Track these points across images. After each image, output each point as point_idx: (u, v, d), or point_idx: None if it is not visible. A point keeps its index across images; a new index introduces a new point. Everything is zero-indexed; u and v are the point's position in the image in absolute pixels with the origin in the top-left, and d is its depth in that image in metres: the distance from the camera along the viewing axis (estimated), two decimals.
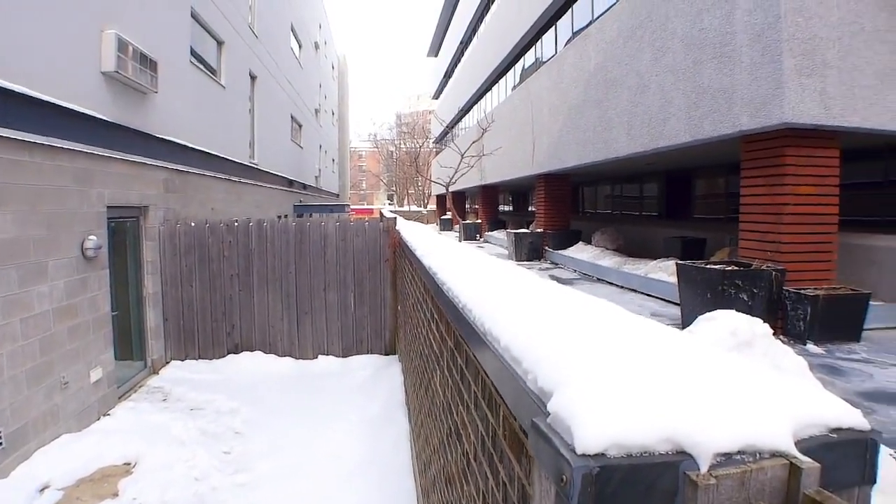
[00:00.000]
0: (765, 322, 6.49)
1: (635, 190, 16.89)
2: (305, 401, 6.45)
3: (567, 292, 1.93)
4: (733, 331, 2.42)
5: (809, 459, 0.83)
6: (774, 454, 0.83)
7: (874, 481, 0.94)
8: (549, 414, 0.92)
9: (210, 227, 7.78)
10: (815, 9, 6.34)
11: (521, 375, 1.17)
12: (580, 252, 13.63)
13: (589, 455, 0.78)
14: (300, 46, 21.58)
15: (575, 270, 13.21)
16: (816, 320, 6.27)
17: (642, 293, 9.69)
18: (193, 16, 9.11)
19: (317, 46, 26.98)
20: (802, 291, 6.39)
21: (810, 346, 6.22)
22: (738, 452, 0.82)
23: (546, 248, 15.64)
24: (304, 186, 21.23)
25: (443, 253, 3.60)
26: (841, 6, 6.42)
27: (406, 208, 58.15)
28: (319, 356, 8.06)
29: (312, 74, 25.39)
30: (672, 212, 14.69)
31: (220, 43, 10.73)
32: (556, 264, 14.62)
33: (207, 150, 9.29)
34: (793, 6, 6.27)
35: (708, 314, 2.61)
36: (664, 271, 9.28)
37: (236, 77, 11.74)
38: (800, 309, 6.37)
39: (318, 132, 27.54)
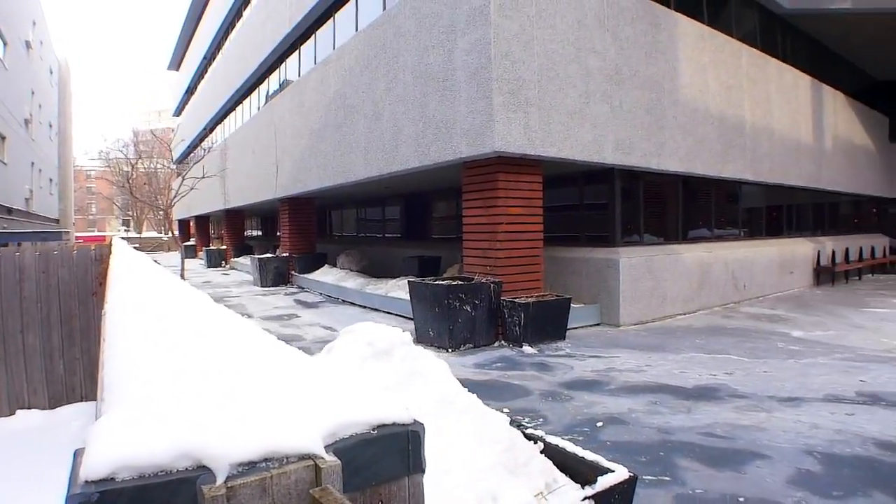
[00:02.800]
0: (490, 328, 7.19)
1: (379, 213, 17.55)
2: None
3: (228, 322, 1.89)
4: (370, 341, 2.54)
5: (334, 458, 0.88)
6: (302, 457, 0.85)
7: (422, 469, 1.02)
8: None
9: None
10: (520, 55, 7.30)
11: (105, 405, 1.11)
12: (325, 275, 13.61)
13: (93, 481, 0.73)
14: (5, 44, 18.11)
15: (321, 294, 13.11)
16: (529, 324, 7.10)
17: (384, 312, 9.97)
18: None
19: (28, 46, 22.93)
20: (516, 300, 7.20)
21: (526, 348, 7.02)
22: (264, 460, 0.83)
23: (293, 272, 15.29)
24: (10, 211, 17.77)
25: (130, 283, 3.24)
26: (540, 55, 7.52)
27: (145, 235, 52.26)
28: (18, 411, 6.56)
29: (22, 78, 21.47)
30: (412, 233, 15.56)
31: None
32: (303, 288, 14.36)
33: None
34: (501, 51, 7.13)
35: (348, 327, 2.73)
36: (402, 289, 9.68)
37: None
38: (515, 315, 7.17)
39: (31, 146, 23.28)
